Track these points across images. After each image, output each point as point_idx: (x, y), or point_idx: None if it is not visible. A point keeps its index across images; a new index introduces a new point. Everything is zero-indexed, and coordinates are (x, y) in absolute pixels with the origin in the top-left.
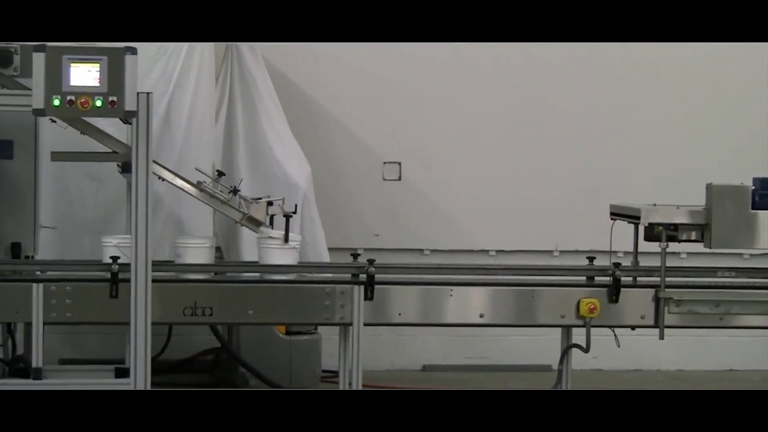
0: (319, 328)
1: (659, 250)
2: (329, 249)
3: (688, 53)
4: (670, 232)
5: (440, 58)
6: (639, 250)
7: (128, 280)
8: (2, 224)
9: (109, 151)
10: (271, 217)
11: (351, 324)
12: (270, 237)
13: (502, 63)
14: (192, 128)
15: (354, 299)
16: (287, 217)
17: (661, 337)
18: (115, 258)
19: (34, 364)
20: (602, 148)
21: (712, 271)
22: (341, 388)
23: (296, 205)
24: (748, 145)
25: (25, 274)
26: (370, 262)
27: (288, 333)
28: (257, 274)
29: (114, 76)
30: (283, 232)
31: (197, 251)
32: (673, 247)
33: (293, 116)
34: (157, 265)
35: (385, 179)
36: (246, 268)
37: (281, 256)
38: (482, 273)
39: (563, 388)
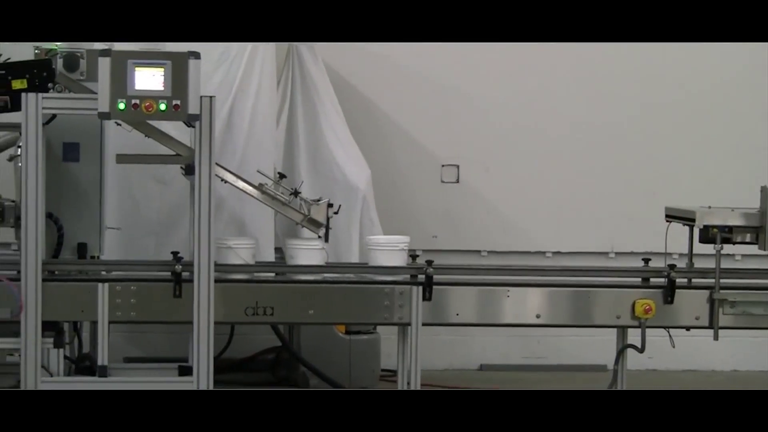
0: (378, 327)
1: (714, 252)
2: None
3: (746, 60)
4: (725, 235)
5: (499, 63)
6: (694, 252)
7: (191, 280)
8: (68, 225)
9: (173, 153)
10: (329, 220)
11: (410, 324)
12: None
13: (560, 67)
14: (254, 131)
15: (412, 299)
16: (328, 218)
17: (716, 337)
18: (178, 258)
19: (99, 362)
20: (658, 151)
21: (766, 273)
22: (399, 386)
23: (339, 206)
24: None
25: (90, 274)
26: (429, 263)
27: (348, 332)
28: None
29: (178, 80)
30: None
31: (309, 253)
32: (728, 249)
33: (353, 120)
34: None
35: (443, 182)
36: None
37: (390, 257)
38: (539, 274)
39: (619, 389)
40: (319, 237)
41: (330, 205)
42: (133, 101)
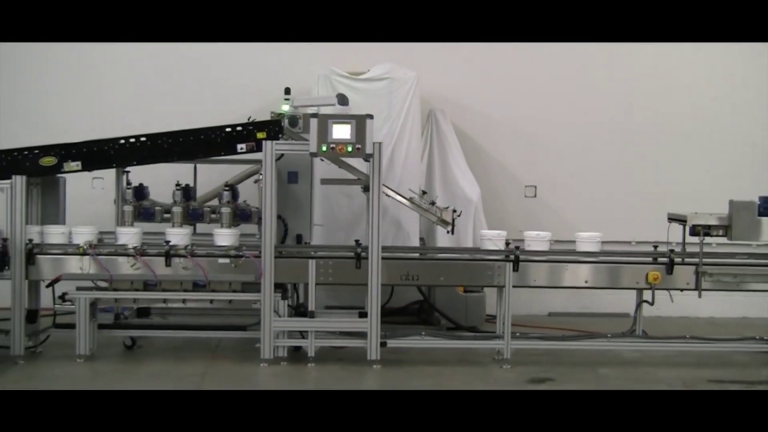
0: (484, 288)
1: (698, 241)
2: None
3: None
4: (706, 230)
5: (561, 115)
6: (686, 241)
7: (367, 258)
8: (291, 223)
9: (356, 178)
10: (454, 221)
11: (504, 286)
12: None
13: (601, 118)
14: (407, 164)
15: (506, 271)
16: (454, 218)
17: (699, 296)
18: (359, 244)
19: (309, 309)
20: (664, 176)
21: (732, 255)
22: (498, 326)
23: (461, 212)
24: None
25: (304, 253)
26: (517, 247)
27: (465, 291)
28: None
29: (359, 132)
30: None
31: (539, 242)
32: (708, 240)
33: (469, 157)
34: (385, 248)
35: (525, 196)
36: (446, 252)
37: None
38: (587, 255)
39: (637, 329)
40: (448, 232)
41: (454, 211)
42: (332, 145)
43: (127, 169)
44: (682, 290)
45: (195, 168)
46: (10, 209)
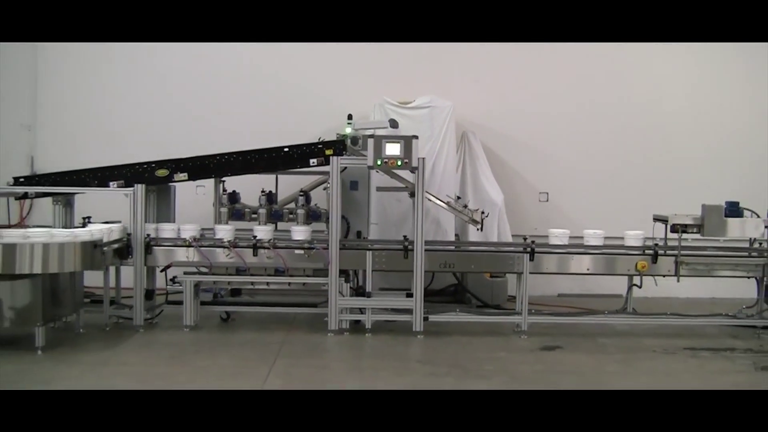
0: (506, 274)
1: (677, 237)
2: (513, 235)
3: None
4: (683, 228)
5: (566, 134)
6: (667, 237)
7: (412, 250)
8: (352, 221)
9: (404, 186)
10: (482, 220)
11: (522, 272)
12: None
13: (603, 138)
14: (444, 175)
15: (524, 260)
16: (482, 218)
17: (678, 280)
18: (406, 239)
19: (367, 290)
20: (651, 185)
21: (704, 248)
22: (517, 304)
23: (488, 213)
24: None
25: (363, 246)
26: (533, 242)
27: (491, 277)
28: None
29: (407, 149)
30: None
31: (594, 238)
32: (685, 236)
33: (495, 168)
34: (428, 242)
35: (540, 201)
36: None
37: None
38: (589, 248)
39: (628, 307)
40: (478, 229)
41: (482, 212)
42: (385, 160)
43: (223, 178)
44: (664, 276)
45: (276, 178)
46: (132, 211)
